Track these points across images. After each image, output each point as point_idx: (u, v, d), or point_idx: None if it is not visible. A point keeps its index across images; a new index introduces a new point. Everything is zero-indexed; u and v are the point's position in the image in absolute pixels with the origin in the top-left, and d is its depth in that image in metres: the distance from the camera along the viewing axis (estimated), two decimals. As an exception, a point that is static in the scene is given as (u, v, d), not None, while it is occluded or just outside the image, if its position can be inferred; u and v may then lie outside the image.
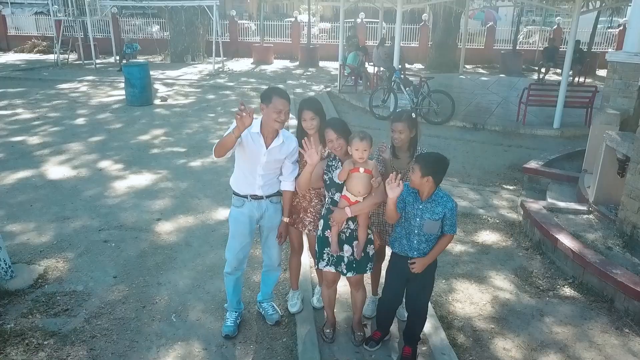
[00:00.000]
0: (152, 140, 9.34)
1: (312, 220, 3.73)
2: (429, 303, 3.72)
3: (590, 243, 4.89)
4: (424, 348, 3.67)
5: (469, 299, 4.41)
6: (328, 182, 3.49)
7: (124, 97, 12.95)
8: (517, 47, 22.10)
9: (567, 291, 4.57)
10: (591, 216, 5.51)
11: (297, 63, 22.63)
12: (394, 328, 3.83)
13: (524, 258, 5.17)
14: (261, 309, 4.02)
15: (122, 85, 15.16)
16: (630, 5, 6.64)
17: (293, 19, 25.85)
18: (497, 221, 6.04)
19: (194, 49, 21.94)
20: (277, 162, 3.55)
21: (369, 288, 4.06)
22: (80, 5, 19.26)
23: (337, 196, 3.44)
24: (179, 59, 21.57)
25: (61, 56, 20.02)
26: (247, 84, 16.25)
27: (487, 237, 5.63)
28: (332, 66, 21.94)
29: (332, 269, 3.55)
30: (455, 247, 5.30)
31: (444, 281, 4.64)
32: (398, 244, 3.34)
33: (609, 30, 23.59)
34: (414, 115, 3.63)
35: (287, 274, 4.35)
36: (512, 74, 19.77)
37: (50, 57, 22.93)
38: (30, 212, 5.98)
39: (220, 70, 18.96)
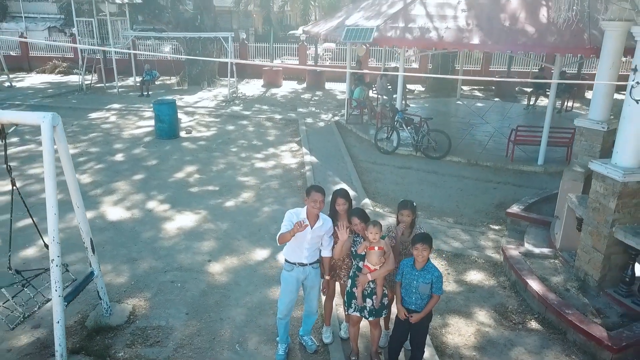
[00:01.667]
0: (187, 179, 10.74)
1: (345, 274, 5.13)
2: (427, 336, 5.11)
3: (553, 285, 6.29)
4: (423, 371, 5.07)
5: (458, 331, 5.81)
6: (354, 253, 4.90)
7: (152, 129, 14.38)
8: (511, 70, 23.52)
9: (534, 324, 5.97)
10: (557, 261, 6.91)
11: (305, 85, 24.06)
12: (401, 356, 5.23)
13: (503, 296, 6.56)
14: (302, 341, 5.42)
15: (147, 114, 16.66)
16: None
17: (297, 33, 27.23)
18: (483, 261, 7.43)
19: (208, 73, 23.33)
20: (318, 238, 4.94)
21: (382, 324, 5.46)
22: (103, 34, 20.71)
23: (360, 264, 4.84)
24: (194, 82, 22.94)
25: (85, 80, 21.35)
26: (261, 112, 17.65)
27: (474, 276, 7.03)
28: (338, 89, 23.42)
29: (357, 314, 4.96)
30: (449, 286, 6.69)
31: (439, 316, 6.03)
32: (403, 301, 4.74)
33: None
34: (415, 203, 5.05)
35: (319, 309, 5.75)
36: (506, 97, 21.19)
37: (72, 78, 24.41)
38: (103, 254, 7.35)
39: (234, 95, 20.36)
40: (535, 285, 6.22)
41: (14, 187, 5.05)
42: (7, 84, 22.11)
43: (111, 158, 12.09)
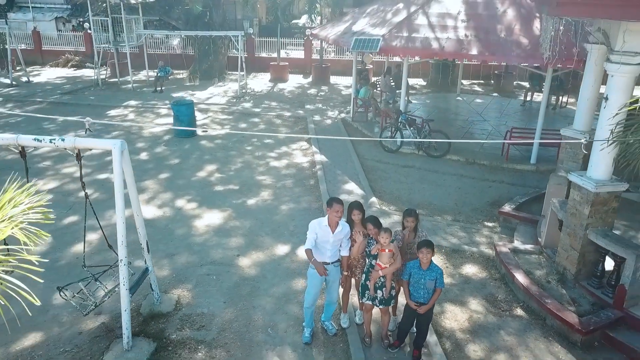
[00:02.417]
0: (209, 178, 11.74)
1: (360, 270, 6.17)
2: (430, 324, 6.17)
3: (536, 278, 7.34)
4: (425, 350, 6.13)
5: (454, 317, 6.87)
6: (368, 253, 5.93)
7: (170, 127, 15.36)
8: (509, 66, 24.30)
9: (519, 311, 7.03)
10: (541, 256, 7.95)
11: (310, 80, 24.94)
12: (407, 339, 6.29)
13: (493, 287, 7.62)
14: (324, 326, 6.48)
15: (163, 111, 17.61)
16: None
17: (300, 22, 27.97)
18: (477, 256, 8.47)
19: (218, 68, 24.18)
20: (338, 241, 5.96)
21: (390, 311, 6.51)
22: (117, 31, 21.54)
23: (373, 262, 5.87)
24: (204, 76, 23.79)
25: (100, 74, 22.21)
26: (271, 109, 18.58)
27: (469, 269, 8.08)
28: (343, 83, 24.31)
29: (370, 303, 6.01)
30: (447, 279, 7.71)
31: (438, 305, 7.07)
32: (411, 296, 5.79)
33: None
34: (418, 211, 6.08)
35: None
36: (505, 92, 22.10)
37: (85, 72, 25.30)
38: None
39: (244, 91, 21.26)
40: (520, 277, 7.27)
41: (87, 199, 6.04)
42: (24, 78, 22.99)
43: (136, 157, 13.08)
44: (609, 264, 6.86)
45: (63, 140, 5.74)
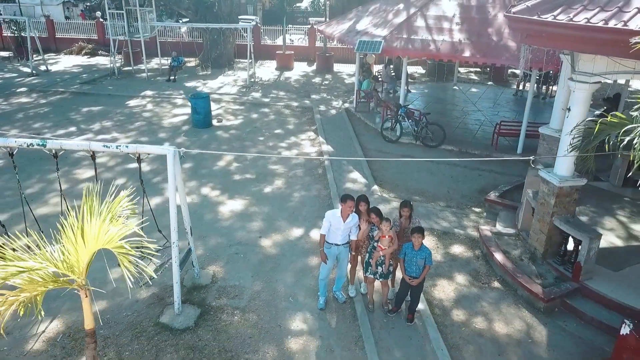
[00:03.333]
0: (228, 167, 13.12)
1: (365, 250, 7.60)
2: (422, 293, 7.61)
3: (511, 257, 8.78)
4: (417, 315, 7.60)
5: (442, 289, 8.33)
6: (371, 237, 7.36)
7: (187, 117, 16.74)
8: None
9: (496, 284, 8.49)
10: (517, 238, 9.38)
11: (315, 68, 26.11)
12: (403, 305, 7.75)
13: (476, 264, 9.07)
14: (335, 295, 7.94)
15: (178, 102, 18.92)
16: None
17: (303, 6, 29.14)
18: (464, 238, 9.90)
19: (227, 56, 25.34)
20: (348, 228, 7.36)
21: (389, 284, 7.97)
22: (131, 23, 22.65)
23: (375, 244, 7.30)
24: (214, 64, 24.95)
25: (115, 63, 23.43)
26: (279, 99, 19.86)
27: (457, 249, 9.52)
28: (345, 71, 25.50)
29: (372, 276, 7.47)
30: (438, 257, 9.18)
31: (429, 279, 8.53)
32: (405, 271, 7.23)
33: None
34: (412, 203, 7.50)
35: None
36: (499, 82, 23.33)
37: (99, 60, 26.49)
38: (181, 233, 9.78)
39: (253, 80, 22.48)
40: (498, 256, 8.71)
41: (144, 193, 7.41)
42: (43, 67, 24.18)
43: (160, 147, 14.41)
44: (571, 245, 8.29)
45: (127, 147, 7.07)
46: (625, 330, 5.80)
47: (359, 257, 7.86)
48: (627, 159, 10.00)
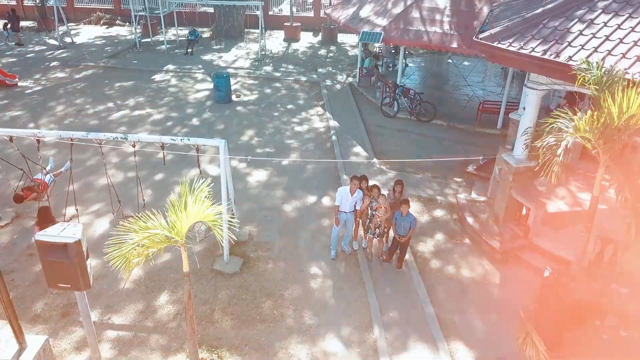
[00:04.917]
0: (250, 141, 15.49)
1: (366, 217, 10.13)
2: (408, 248, 10.17)
3: (480, 219, 11.31)
4: (404, 263, 10.19)
5: (424, 244, 10.91)
6: (371, 207, 9.87)
7: (208, 93, 18.99)
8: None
9: (467, 241, 11.05)
10: (486, 205, 11.89)
11: (320, 38, 27.94)
12: (394, 257, 10.32)
13: (453, 225, 11.60)
14: (343, 248, 10.52)
15: (198, 76, 21.03)
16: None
17: None
18: (445, 204, 12.40)
19: (238, 27, 27.10)
20: (354, 200, 9.84)
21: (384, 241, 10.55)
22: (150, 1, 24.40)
23: (374, 212, 9.81)
24: (226, 35, 26.71)
25: (137, 37, 25.27)
26: (288, 73, 21.96)
27: (438, 213, 12.04)
28: (349, 42, 27.35)
29: (371, 235, 10.05)
30: (423, 219, 11.70)
31: (415, 238, 11.07)
32: (396, 231, 9.78)
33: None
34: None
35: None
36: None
37: (119, 30, 28.27)
38: (217, 198, 12.30)
39: (263, 53, 24.43)
40: (469, 219, 11.25)
41: (201, 174, 9.82)
42: (68, 39, 26.01)
43: (190, 123, 16.75)
44: (524, 211, 10.79)
45: (189, 140, 9.44)
46: (546, 273, 8.35)
47: (361, 221, 10.39)
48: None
